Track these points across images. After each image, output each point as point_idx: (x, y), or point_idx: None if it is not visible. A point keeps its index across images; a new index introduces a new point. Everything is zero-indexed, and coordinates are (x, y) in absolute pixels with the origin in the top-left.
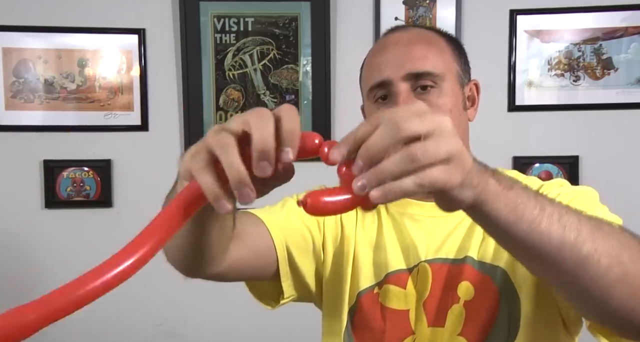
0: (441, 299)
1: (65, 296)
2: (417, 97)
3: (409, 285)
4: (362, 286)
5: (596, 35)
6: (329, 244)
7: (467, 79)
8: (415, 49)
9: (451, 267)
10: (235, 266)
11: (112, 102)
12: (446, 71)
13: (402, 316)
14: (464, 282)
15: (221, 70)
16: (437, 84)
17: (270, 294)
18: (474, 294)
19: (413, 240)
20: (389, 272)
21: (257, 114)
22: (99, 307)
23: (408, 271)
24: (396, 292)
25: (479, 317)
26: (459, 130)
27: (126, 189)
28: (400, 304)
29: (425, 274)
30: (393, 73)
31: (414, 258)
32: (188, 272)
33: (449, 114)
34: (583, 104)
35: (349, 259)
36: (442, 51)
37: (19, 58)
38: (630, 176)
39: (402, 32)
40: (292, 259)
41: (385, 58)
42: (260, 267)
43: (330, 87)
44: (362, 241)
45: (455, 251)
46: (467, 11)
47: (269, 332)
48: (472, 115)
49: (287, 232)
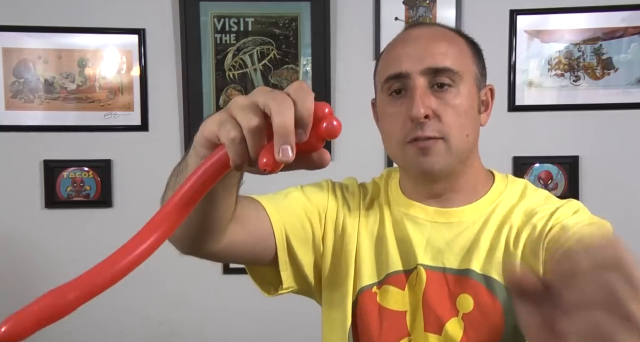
0: (438, 308)
1: (101, 273)
2: (433, 95)
3: (406, 287)
4: (363, 283)
5: (596, 35)
6: (329, 237)
7: (483, 83)
8: (436, 45)
9: (450, 278)
10: (232, 247)
11: (112, 102)
12: (465, 71)
13: (399, 317)
14: (464, 294)
15: (221, 70)
16: (455, 83)
17: (270, 281)
18: (473, 307)
19: (412, 242)
20: (389, 273)
21: (278, 99)
22: (99, 307)
23: (406, 273)
24: (394, 293)
25: (480, 333)
26: (470, 133)
27: (126, 189)
28: (398, 306)
29: (420, 279)
30: (412, 66)
31: (412, 261)
32: (186, 248)
33: (464, 117)
34: (583, 104)
35: (351, 255)
36: (462, 51)
37: (19, 58)
38: (630, 176)
39: (424, 28)
40: (291, 248)
41: (405, 51)
42: (258, 252)
43: (330, 87)
44: (364, 239)
45: (457, 261)
46: (467, 11)
47: (269, 333)
48: (485, 120)
49: (287, 220)
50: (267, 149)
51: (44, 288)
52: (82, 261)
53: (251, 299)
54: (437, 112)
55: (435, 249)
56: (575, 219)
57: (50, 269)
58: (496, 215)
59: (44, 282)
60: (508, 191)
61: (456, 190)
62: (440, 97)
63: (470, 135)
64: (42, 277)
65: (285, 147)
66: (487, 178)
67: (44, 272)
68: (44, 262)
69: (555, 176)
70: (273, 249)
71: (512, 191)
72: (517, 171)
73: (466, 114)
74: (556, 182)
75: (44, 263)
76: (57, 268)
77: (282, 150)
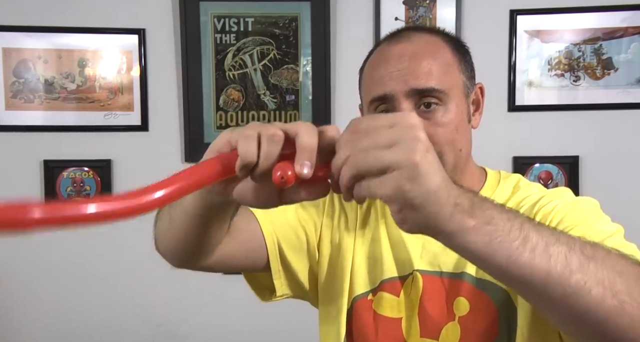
0: (435, 312)
1: (77, 208)
2: (420, 116)
3: (402, 293)
4: (357, 292)
5: (596, 35)
6: (326, 246)
7: (472, 86)
8: (420, 63)
9: (446, 281)
10: (224, 259)
11: (112, 102)
12: (451, 88)
13: (394, 324)
14: (460, 297)
15: (221, 70)
16: (442, 102)
17: (266, 286)
18: (469, 310)
19: (408, 248)
20: (383, 280)
21: (307, 126)
22: (99, 307)
23: (401, 279)
24: (389, 300)
25: (476, 335)
26: (464, 146)
27: (126, 189)
28: (393, 312)
29: (416, 284)
30: (397, 88)
31: (408, 267)
32: (178, 262)
33: (455, 133)
34: (583, 104)
35: (347, 264)
36: (447, 65)
37: (19, 58)
38: (630, 176)
39: (406, 42)
40: (284, 257)
41: (388, 71)
42: (250, 262)
43: (330, 87)
44: (360, 247)
45: (452, 264)
46: (467, 11)
47: (269, 333)
48: (476, 121)
49: (279, 230)
50: (280, 166)
51: (44, 288)
52: (82, 261)
53: (251, 300)
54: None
55: (431, 254)
56: (556, 203)
57: (50, 270)
58: None
59: (44, 283)
60: (500, 187)
61: None
62: (428, 117)
63: (464, 148)
64: (43, 278)
65: (307, 163)
66: (480, 176)
67: (44, 272)
68: (43, 263)
69: (555, 176)
70: (265, 259)
71: (505, 187)
72: (517, 171)
73: (457, 130)
74: (556, 182)
75: (44, 263)
76: (57, 268)
77: (303, 164)
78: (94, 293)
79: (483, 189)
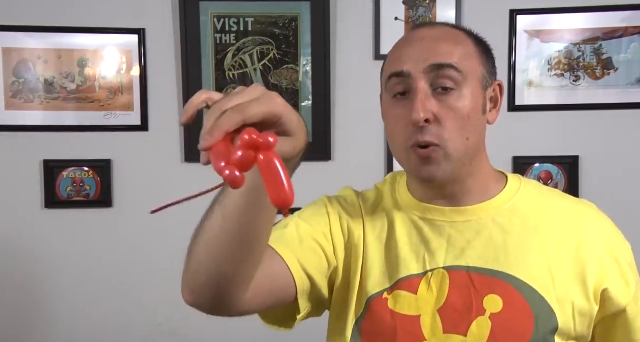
0: (463, 307)
1: None
2: (435, 98)
3: (420, 290)
4: (372, 292)
5: (596, 35)
6: (339, 251)
7: (492, 81)
8: (440, 45)
9: (475, 276)
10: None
11: (112, 102)
12: (469, 72)
13: (413, 322)
14: (493, 295)
15: (221, 70)
16: (458, 86)
17: (287, 318)
18: (503, 308)
19: (431, 245)
20: (401, 278)
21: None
22: (99, 307)
23: (421, 276)
24: (407, 298)
25: (508, 335)
26: (472, 135)
27: (126, 189)
28: (411, 310)
29: (442, 281)
30: (414, 66)
31: (430, 264)
32: (214, 298)
33: (467, 120)
34: (583, 104)
35: (357, 265)
36: (468, 52)
37: (19, 58)
38: (630, 176)
39: (429, 29)
40: (315, 284)
41: (408, 51)
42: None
43: (330, 87)
44: (372, 247)
45: (481, 260)
46: (467, 11)
47: (270, 332)
48: (493, 118)
49: (301, 257)
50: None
51: (45, 288)
52: (82, 261)
53: None
54: (439, 116)
55: (458, 249)
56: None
57: (51, 269)
58: (519, 215)
59: (44, 283)
60: (524, 189)
61: (466, 191)
62: (442, 100)
63: (472, 137)
64: (43, 278)
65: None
66: (498, 178)
67: (44, 272)
68: (44, 263)
69: (555, 176)
70: (293, 294)
71: (529, 189)
72: (517, 171)
73: (469, 117)
74: (556, 182)
75: (44, 263)
76: (58, 268)
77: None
78: (94, 292)
79: (505, 190)
